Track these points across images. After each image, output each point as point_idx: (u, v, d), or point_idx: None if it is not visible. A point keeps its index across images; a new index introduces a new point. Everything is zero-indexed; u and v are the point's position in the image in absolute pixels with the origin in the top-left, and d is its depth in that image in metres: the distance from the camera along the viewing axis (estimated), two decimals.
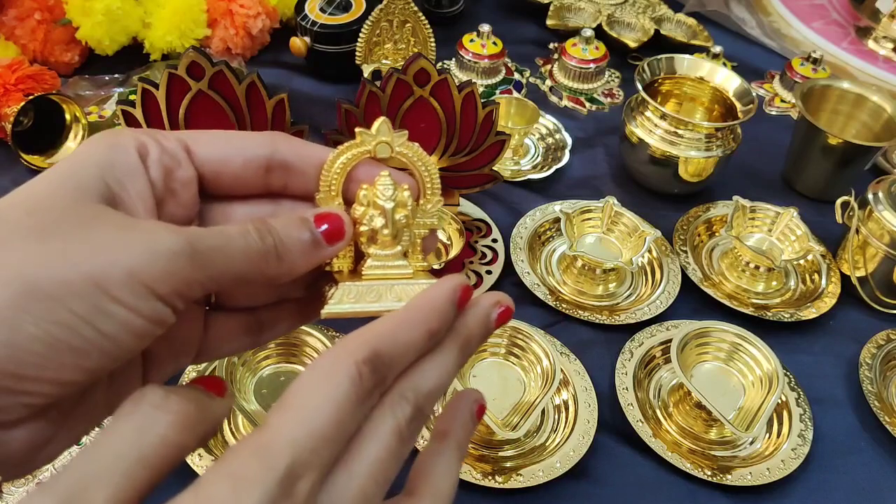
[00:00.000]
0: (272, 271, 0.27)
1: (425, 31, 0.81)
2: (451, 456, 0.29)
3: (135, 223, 0.25)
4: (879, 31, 1.04)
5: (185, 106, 0.58)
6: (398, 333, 0.26)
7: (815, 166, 0.78)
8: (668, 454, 0.55)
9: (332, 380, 0.24)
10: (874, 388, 0.61)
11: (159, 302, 0.24)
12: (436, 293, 0.27)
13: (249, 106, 0.60)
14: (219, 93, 0.58)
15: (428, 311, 0.27)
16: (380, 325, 0.26)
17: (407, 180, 0.31)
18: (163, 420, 0.23)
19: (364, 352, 0.25)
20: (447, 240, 0.68)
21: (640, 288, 0.68)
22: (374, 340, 0.25)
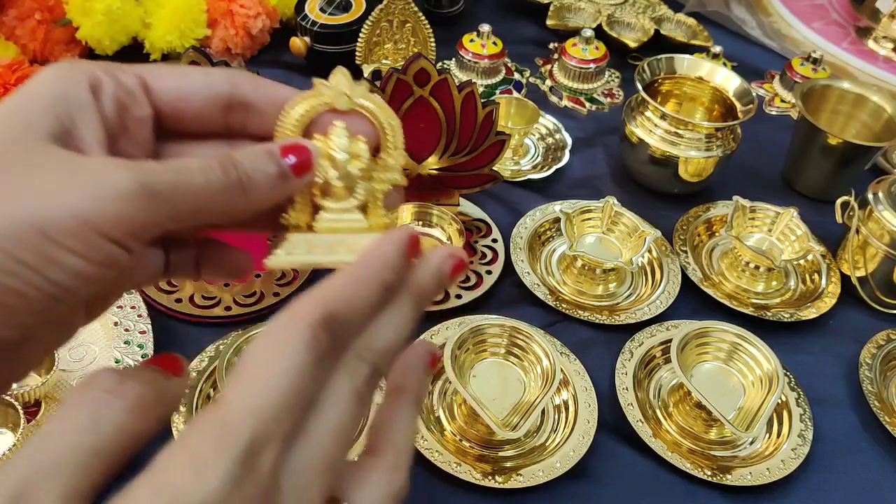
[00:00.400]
0: (236, 206, 0.26)
1: (425, 31, 0.81)
2: (408, 411, 0.28)
3: (83, 162, 0.24)
4: (879, 31, 1.04)
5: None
6: (351, 290, 0.25)
7: (815, 166, 0.78)
8: (667, 454, 0.55)
9: (288, 346, 0.23)
10: (874, 388, 0.61)
11: (113, 245, 0.23)
12: (385, 245, 0.26)
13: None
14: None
15: (379, 264, 0.26)
16: (331, 283, 0.25)
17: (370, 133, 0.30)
18: (117, 406, 0.22)
19: (318, 313, 0.23)
20: (447, 240, 0.68)
21: (640, 288, 0.68)
22: (327, 300, 0.24)
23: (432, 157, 0.66)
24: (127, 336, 0.56)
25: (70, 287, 0.23)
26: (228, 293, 0.61)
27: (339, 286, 0.25)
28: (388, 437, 0.27)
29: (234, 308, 0.61)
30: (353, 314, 0.25)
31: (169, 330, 0.59)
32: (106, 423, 0.22)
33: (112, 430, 0.22)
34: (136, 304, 0.58)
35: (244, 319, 0.60)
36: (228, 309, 0.60)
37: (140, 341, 0.56)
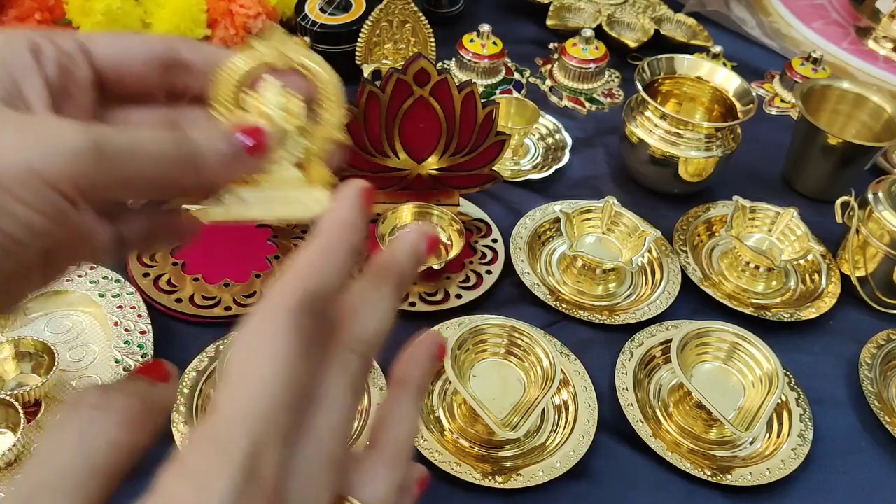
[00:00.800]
0: (187, 180, 0.26)
1: (425, 31, 0.81)
2: (409, 402, 0.28)
3: (37, 120, 0.24)
4: (879, 31, 1.04)
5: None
6: (322, 263, 0.24)
7: (815, 166, 0.78)
8: (667, 454, 0.55)
9: (273, 339, 0.22)
10: (874, 388, 0.61)
11: (63, 200, 0.23)
12: (341, 208, 0.26)
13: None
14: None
15: (341, 229, 0.25)
16: (300, 260, 0.24)
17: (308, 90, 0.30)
18: (106, 421, 0.22)
19: (296, 296, 0.23)
20: (447, 240, 0.68)
21: (640, 288, 0.68)
22: (302, 279, 0.23)
23: (432, 157, 0.66)
24: (127, 336, 0.56)
25: (20, 239, 0.23)
26: (228, 293, 0.61)
27: (309, 262, 0.24)
28: (390, 430, 0.27)
29: (234, 308, 0.60)
30: (330, 286, 0.24)
31: (169, 330, 0.59)
32: (97, 441, 0.21)
33: (105, 447, 0.22)
34: (136, 304, 0.58)
35: None
36: (228, 309, 0.60)
37: (140, 341, 0.56)
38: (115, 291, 0.59)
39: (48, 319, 0.59)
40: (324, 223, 0.25)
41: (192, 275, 0.62)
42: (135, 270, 0.62)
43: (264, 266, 0.64)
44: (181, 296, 0.61)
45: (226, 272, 0.63)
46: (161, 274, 0.62)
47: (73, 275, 0.60)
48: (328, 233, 0.25)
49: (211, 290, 0.62)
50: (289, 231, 0.67)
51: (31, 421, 0.51)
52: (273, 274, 0.63)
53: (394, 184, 0.68)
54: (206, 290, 0.62)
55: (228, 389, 0.21)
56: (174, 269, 0.63)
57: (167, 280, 0.62)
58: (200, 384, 0.55)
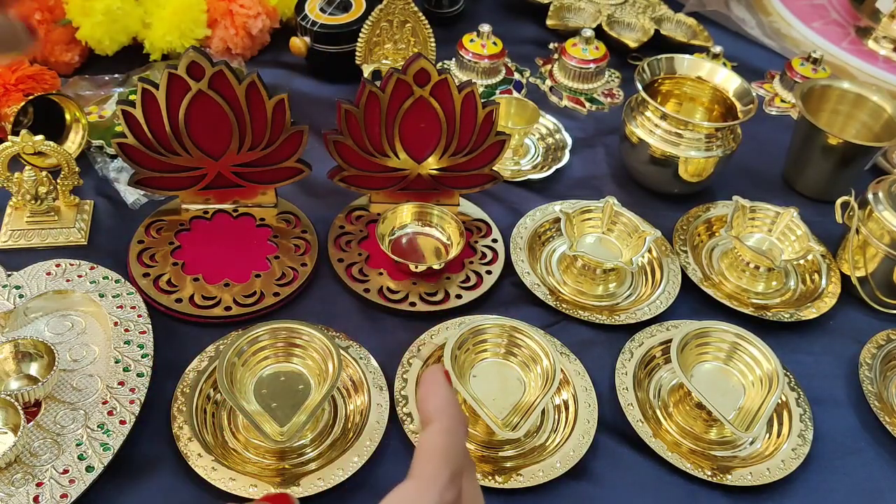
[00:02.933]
0: None
1: (425, 31, 0.81)
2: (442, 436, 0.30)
3: None
4: (879, 31, 1.04)
5: (185, 106, 0.59)
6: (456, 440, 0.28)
7: (815, 166, 0.78)
8: (668, 454, 0.55)
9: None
10: (874, 388, 0.61)
11: None
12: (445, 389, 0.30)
13: (249, 106, 0.60)
14: (218, 93, 0.59)
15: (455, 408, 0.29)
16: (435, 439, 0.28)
17: None
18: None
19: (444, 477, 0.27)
20: (447, 240, 0.68)
21: (640, 288, 0.68)
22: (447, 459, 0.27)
23: (432, 157, 0.66)
24: (127, 336, 0.56)
25: None
26: (228, 293, 0.61)
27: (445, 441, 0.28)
28: None
29: (234, 308, 0.60)
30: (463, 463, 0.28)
31: (169, 330, 0.59)
32: None
33: None
34: (136, 304, 0.58)
35: (244, 319, 0.60)
36: (228, 309, 0.60)
37: (140, 341, 0.56)
38: (115, 291, 0.59)
39: (48, 319, 0.59)
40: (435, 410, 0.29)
41: (191, 275, 0.62)
42: (135, 270, 0.62)
43: (264, 266, 0.64)
44: (181, 296, 0.61)
45: (226, 272, 0.63)
46: (161, 274, 0.62)
47: (73, 275, 0.60)
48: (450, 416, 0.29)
49: (211, 290, 0.62)
50: (289, 231, 0.67)
51: (31, 421, 0.51)
52: (272, 273, 0.63)
53: (394, 184, 0.68)
54: (206, 290, 0.61)
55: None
56: (174, 269, 0.63)
57: (167, 280, 0.62)
58: (200, 384, 0.55)
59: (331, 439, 0.54)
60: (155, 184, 0.64)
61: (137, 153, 0.61)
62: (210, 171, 0.64)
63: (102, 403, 0.52)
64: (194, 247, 0.65)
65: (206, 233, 0.66)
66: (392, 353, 0.59)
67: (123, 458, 0.50)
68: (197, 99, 0.58)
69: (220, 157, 0.63)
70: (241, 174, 0.65)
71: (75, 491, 0.47)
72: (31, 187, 0.63)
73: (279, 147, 0.63)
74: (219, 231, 0.66)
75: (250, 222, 0.67)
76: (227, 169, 0.64)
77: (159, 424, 0.53)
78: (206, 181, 0.65)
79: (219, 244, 0.65)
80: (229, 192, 0.67)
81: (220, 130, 0.61)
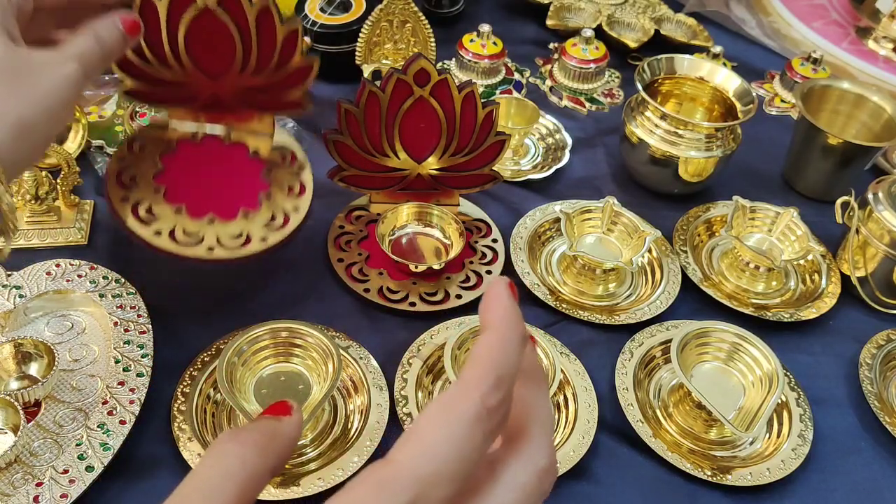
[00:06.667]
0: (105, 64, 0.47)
1: (425, 31, 0.81)
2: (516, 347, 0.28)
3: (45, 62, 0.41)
4: (879, 31, 1.04)
5: (187, 23, 0.53)
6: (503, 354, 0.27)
7: (815, 166, 0.78)
8: (668, 454, 0.55)
9: (459, 417, 0.25)
10: (874, 388, 0.61)
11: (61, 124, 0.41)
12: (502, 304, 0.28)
13: (259, 32, 0.54)
14: (227, 12, 0.53)
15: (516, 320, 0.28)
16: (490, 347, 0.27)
17: None
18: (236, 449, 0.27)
19: (489, 382, 0.25)
20: (447, 240, 0.68)
21: (640, 288, 0.68)
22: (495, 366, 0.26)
23: (432, 157, 0.66)
24: (127, 336, 0.56)
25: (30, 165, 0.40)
26: (212, 231, 0.56)
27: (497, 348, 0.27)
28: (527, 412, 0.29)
29: (216, 249, 0.56)
30: (511, 376, 0.27)
31: (169, 330, 0.59)
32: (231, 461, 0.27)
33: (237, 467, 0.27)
34: (135, 304, 0.58)
35: (226, 263, 0.56)
36: (211, 250, 0.56)
37: (140, 341, 0.56)
38: (116, 291, 0.59)
39: (48, 319, 0.59)
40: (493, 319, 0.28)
41: (174, 203, 0.56)
42: (113, 193, 0.56)
43: (254, 204, 0.57)
44: (160, 227, 0.55)
45: (211, 205, 0.56)
46: (141, 200, 0.56)
47: (73, 275, 0.60)
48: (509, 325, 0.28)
49: (192, 226, 0.56)
50: (284, 168, 0.60)
51: (31, 421, 0.51)
52: (262, 213, 0.57)
53: (394, 184, 0.68)
54: (187, 224, 0.56)
55: (408, 445, 0.24)
56: (155, 196, 0.56)
57: (147, 208, 0.55)
58: (200, 384, 0.55)
59: (331, 439, 0.54)
60: (145, 96, 0.58)
61: (127, 62, 0.55)
62: (203, 91, 0.57)
63: (102, 403, 0.52)
64: (179, 173, 0.57)
65: (194, 158, 0.59)
66: (392, 353, 0.59)
67: (123, 458, 0.50)
68: (201, 17, 0.53)
69: (219, 76, 0.56)
70: (238, 97, 0.58)
71: (75, 491, 0.47)
72: (31, 187, 0.63)
73: (285, 76, 0.57)
74: (207, 157, 0.59)
75: (242, 152, 0.60)
76: (224, 90, 0.57)
77: (159, 424, 0.53)
78: (200, 101, 0.58)
79: (206, 172, 0.58)
80: (222, 114, 0.59)
81: (223, 49, 0.55)
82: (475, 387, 0.25)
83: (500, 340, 0.27)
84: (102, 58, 0.45)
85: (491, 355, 0.26)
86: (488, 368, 0.26)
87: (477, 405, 0.25)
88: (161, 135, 0.59)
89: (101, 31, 0.45)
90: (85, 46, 0.43)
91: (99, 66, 0.45)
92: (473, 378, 0.25)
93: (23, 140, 0.38)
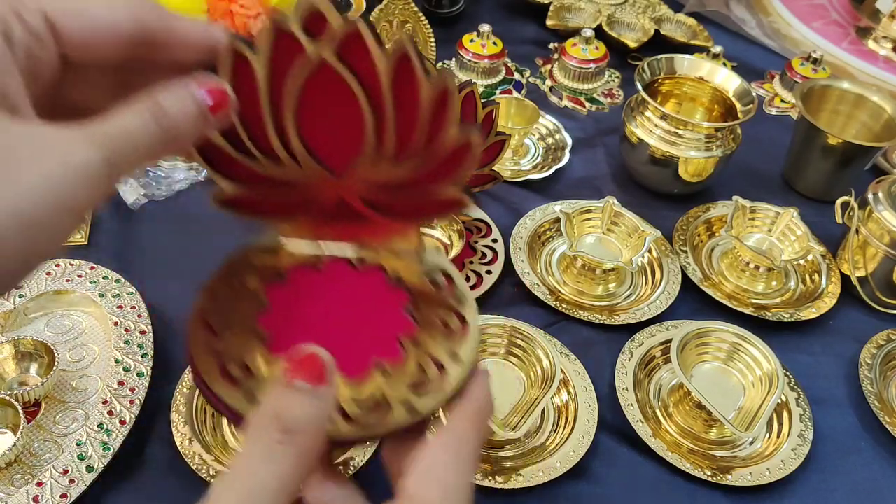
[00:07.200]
0: (168, 152, 0.28)
1: (425, 31, 0.81)
2: None
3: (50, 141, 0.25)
4: (879, 31, 1.04)
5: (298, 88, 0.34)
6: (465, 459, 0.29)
7: (815, 166, 0.78)
8: (668, 454, 0.55)
9: None
10: (874, 388, 0.61)
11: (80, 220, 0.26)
12: None
13: (396, 94, 0.34)
14: (349, 67, 0.34)
15: None
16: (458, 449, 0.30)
17: None
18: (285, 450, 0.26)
19: None
20: (447, 240, 0.68)
21: (640, 288, 0.68)
22: None
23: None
24: (127, 336, 0.56)
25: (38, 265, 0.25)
26: None
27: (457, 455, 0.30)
28: None
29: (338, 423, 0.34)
30: None
31: (169, 330, 0.59)
32: None
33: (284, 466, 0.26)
34: (135, 304, 0.58)
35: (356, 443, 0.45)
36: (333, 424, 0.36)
37: (140, 341, 0.56)
38: (115, 291, 0.59)
39: (48, 319, 0.59)
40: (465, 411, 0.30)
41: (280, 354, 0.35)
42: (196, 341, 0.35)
43: (394, 353, 0.36)
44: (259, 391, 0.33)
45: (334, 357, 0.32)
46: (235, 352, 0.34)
47: (73, 275, 0.60)
48: None
49: None
50: (437, 298, 0.38)
51: (31, 421, 0.52)
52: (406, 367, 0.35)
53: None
54: None
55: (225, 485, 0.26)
56: (255, 346, 0.35)
57: (242, 364, 0.34)
58: None
59: None
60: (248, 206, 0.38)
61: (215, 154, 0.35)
62: (325, 194, 0.38)
63: (102, 403, 0.52)
64: (290, 312, 0.38)
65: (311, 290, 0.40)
66: None
67: (123, 458, 0.50)
68: (316, 75, 0.34)
69: (345, 170, 0.37)
70: (373, 201, 0.39)
71: (75, 491, 0.47)
72: None
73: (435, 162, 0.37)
74: (329, 289, 0.40)
75: (378, 279, 0.40)
76: (353, 192, 0.38)
77: (159, 424, 0.53)
78: (320, 208, 0.39)
79: (327, 311, 0.39)
80: (350, 227, 0.40)
81: (347, 126, 0.36)
82: None
83: None
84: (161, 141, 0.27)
85: None
86: None
87: None
88: (269, 262, 0.39)
89: (165, 101, 0.28)
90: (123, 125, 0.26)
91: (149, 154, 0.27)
92: None
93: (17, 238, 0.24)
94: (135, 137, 0.26)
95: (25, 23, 0.26)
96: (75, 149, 0.24)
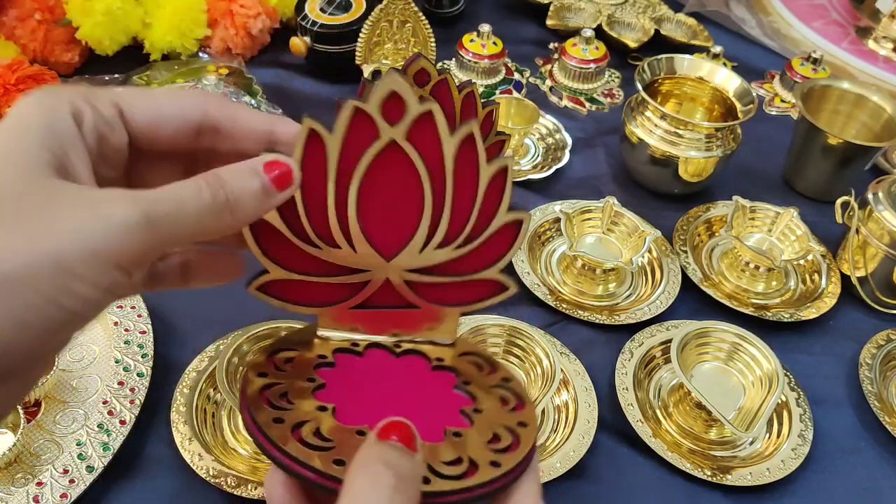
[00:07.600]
0: (225, 225, 0.28)
1: (425, 31, 0.81)
2: None
3: (91, 196, 0.26)
4: (879, 31, 1.04)
5: (364, 170, 0.33)
6: None
7: (815, 166, 0.78)
8: (667, 454, 0.55)
9: None
10: (874, 388, 0.61)
11: (119, 272, 0.25)
12: None
13: (457, 177, 0.35)
14: (416, 148, 0.33)
15: None
16: None
17: None
18: None
19: None
20: None
21: (640, 288, 0.68)
22: None
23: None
24: (127, 336, 0.56)
25: (80, 313, 0.25)
26: None
27: None
28: None
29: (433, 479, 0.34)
30: None
31: (169, 330, 0.59)
32: None
33: None
34: (135, 304, 0.58)
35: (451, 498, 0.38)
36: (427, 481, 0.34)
37: (140, 341, 0.56)
38: None
39: None
40: None
41: (353, 425, 0.34)
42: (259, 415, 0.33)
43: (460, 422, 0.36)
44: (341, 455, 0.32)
45: None
46: (303, 421, 0.33)
47: None
48: None
49: None
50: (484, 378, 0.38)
51: (31, 421, 0.52)
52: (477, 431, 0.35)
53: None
54: None
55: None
56: (322, 415, 0.34)
57: (314, 430, 0.33)
58: (200, 384, 0.55)
59: None
60: (293, 293, 0.36)
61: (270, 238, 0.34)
62: (371, 279, 0.37)
63: (102, 403, 0.52)
64: (347, 390, 0.37)
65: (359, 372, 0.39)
66: None
67: (123, 458, 0.50)
68: (383, 156, 0.33)
69: (395, 254, 0.36)
70: (415, 286, 0.37)
71: (75, 491, 0.47)
72: None
73: (481, 244, 0.36)
74: (376, 371, 0.39)
75: (420, 365, 0.39)
76: (396, 277, 0.37)
77: (159, 424, 0.53)
78: (364, 294, 0.37)
79: (382, 389, 0.38)
80: (385, 315, 0.38)
81: (404, 209, 0.35)
82: None
83: None
84: (212, 210, 0.27)
85: None
86: None
87: None
88: (310, 345, 0.39)
89: (226, 174, 0.28)
90: (173, 190, 0.26)
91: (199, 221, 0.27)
92: None
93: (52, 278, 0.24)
94: (183, 202, 0.26)
95: (96, 109, 0.28)
96: (115, 205, 0.25)
